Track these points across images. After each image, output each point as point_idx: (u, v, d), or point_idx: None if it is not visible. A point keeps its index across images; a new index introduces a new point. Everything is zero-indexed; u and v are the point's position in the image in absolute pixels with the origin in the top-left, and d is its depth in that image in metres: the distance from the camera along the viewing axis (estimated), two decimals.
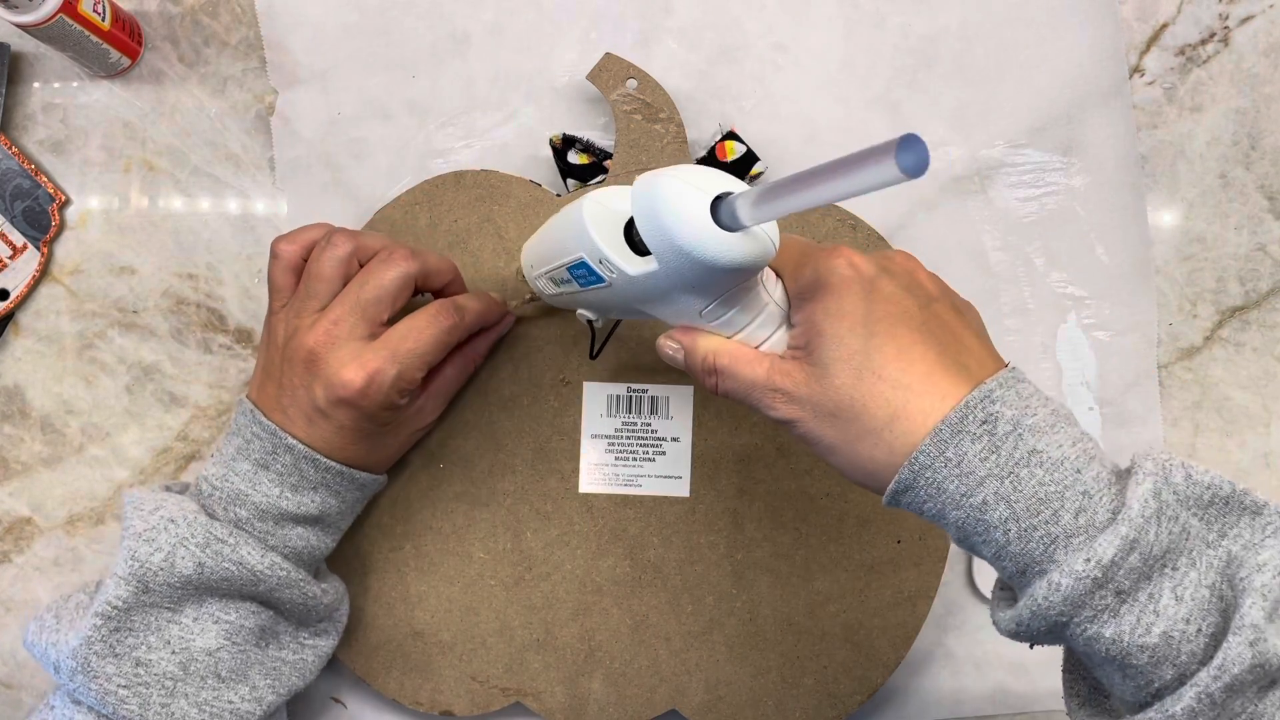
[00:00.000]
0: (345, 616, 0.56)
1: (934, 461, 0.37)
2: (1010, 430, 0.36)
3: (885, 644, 0.58)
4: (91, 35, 0.57)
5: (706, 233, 0.36)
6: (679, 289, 0.39)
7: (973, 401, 0.37)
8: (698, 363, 0.42)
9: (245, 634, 0.49)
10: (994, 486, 0.36)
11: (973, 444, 0.36)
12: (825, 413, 0.39)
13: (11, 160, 0.61)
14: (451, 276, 0.54)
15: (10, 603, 0.62)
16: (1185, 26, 0.63)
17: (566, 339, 0.58)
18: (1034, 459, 0.36)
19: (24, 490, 0.62)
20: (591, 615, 0.59)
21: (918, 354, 0.38)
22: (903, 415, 0.37)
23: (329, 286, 0.50)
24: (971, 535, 0.38)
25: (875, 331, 0.38)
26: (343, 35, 0.62)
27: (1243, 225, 0.63)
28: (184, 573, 0.47)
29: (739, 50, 0.62)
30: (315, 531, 0.52)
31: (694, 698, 0.58)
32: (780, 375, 0.40)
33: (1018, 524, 0.36)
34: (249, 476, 0.50)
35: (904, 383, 0.38)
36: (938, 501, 0.38)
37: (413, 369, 0.50)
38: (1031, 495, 0.36)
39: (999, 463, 0.36)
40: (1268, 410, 0.63)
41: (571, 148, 0.59)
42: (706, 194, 0.36)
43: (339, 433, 0.50)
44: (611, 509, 0.59)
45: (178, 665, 0.47)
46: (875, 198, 0.62)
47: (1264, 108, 0.63)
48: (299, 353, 0.49)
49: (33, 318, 0.62)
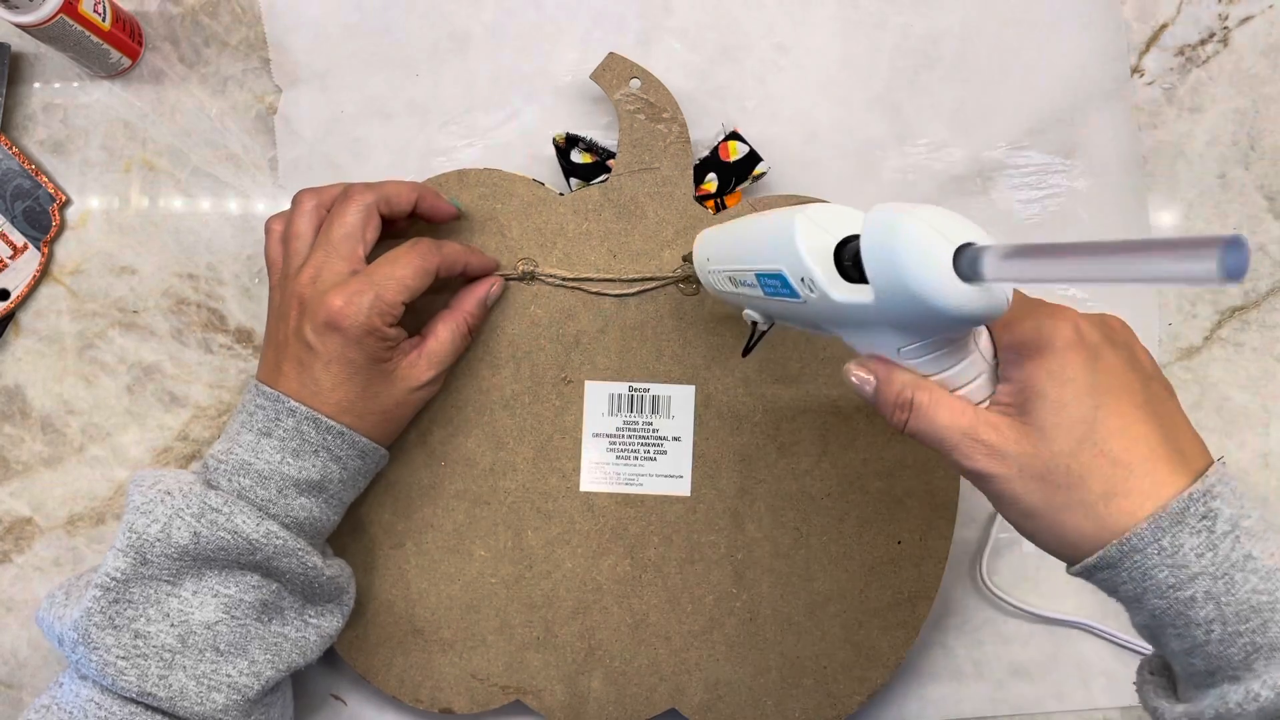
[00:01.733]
0: (351, 600, 0.56)
1: (1147, 546, 0.37)
2: (1229, 530, 0.36)
3: (885, 644, 0.58)
4: (92, 35, 0.57)
5: (945, 281, 0.34)
6: (888, 324, 0.38)
7: (1196, 494, 0.37)
8: (892, 394, 0.40)
9: (245, 608, 0.50)
10: (1205, 585, 0.36)
11: (1191, 537, 0.36)
12: (1033, 475, 0.38)
13: (12, 160, 0.61)
14: (414, 195, 0.54)
15: (10, 603, 0.62)
16: (1185, 27, 0.63)
17: (568, 338, 0.58)
18: (1249, 564, 0.36)
19: (24, 490, 0.62)
20: (592, 614, 0.59)
21: (1141, 433, 0.38)
22: (1120, 494, 0.37)
23: (304, 243, 0.53)
24: (1167, 626, 0.38)
25: (1101, 403, 0.38)
26: (344, 35, 0.62)
27: (1242, 225, 0.63)
28: (180, 543, 0.48)
29: (739, 50, 0.62)
30: (318, 502, 0.52)
31: (694, 697, 0.59)
32: (987, 427, 0.39)
33: (1224, 627, 0.36)
34: (252, 446, 0.50)
35: (1125, 461, 0.37)
36: (1139, 586, 0.37)
37: (390, 290, 0.50)
38: (1243, 601, 0.36)
39: (1215, 561, 0.36)
40: (1267, 410, 0.63)
41: (575, 147, 0.59)
42: (950, 241, 0.34)
43: (328, 370, 0.50)
44: (612, 508, 0.59)
45: (176, 638, 0.48)
46: (875, 198, 0.62)
47: (1263, 108, 0.63)
48: (290, 306, 0.51)
49: (33, 318, 0.62)
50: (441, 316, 0.55)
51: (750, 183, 0.59)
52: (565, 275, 0.58)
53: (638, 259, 0.58)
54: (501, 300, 0.58)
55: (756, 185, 0.60)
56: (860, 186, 0.62)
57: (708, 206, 0.59)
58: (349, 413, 0.52)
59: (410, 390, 0.54)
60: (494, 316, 0.58)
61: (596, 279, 0.58)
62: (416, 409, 0.56)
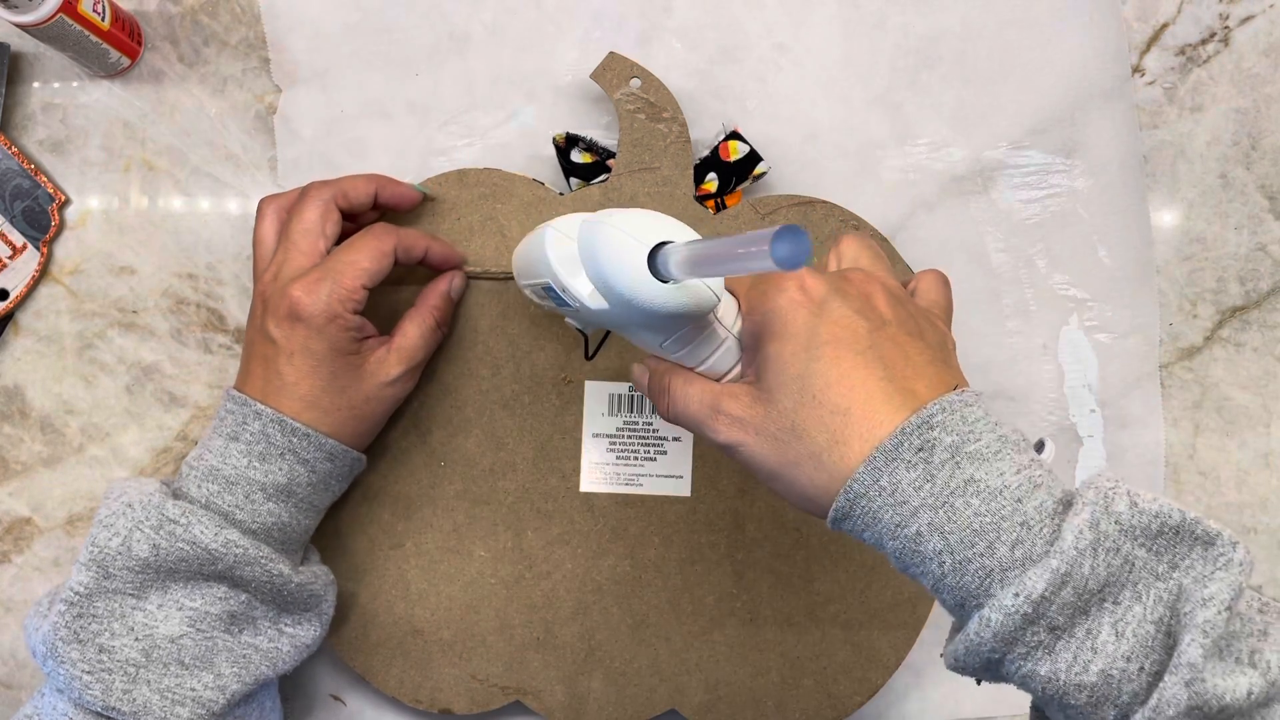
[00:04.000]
0: (331, 609, 0.55)
1: (868, 490, 0.36)
2: (948, 458, 0.35)
3: (885, 644, 0.58)
4: (91, 35, 0.57)
5: (643, 282, 0.37)
6: (632, 325, 0.41)
7: (909, 427, 0.36)
8: (654, 384, 0.44)
9: (211, 620, 0.49)
10: (928, 517, 0.35)
11: (907, 471, 0.35)
12: (768, 436, 0.39)
13: (11, 160, 0.61)
14: (372, 186, 0.55)
15: (10, 603, 0.62)
16: (1185, 26, 0.63)
17: (568, 338, 0.58)
18: (970, 488, 0.35)
19: (24, 490, 0.62)
20: (591, 614, 0.59)
21: (859, 378, 0.37)
22: (841, 440, 0.37)
23: (267, 248, 0.53)
24: (910, 567, 0.37)
25: (818, 355, 0.38)
26: (344, 35, 0.62)
27: (1243, 225, 0.63)
28: (141, 555, 0.48)
29: (740, 50, 0.62)
30: (286, 507, 0.51)
31: (694, 697, 0.59)
32: (729, 398, 0.40)
33: (952, 556, 0.35)
34: (220, 451, 0.51)
35: (843, 407, 0.37)
36: (875, 530, 0.37)
37: (347, 275, 0.50)
38: (966, 526, 0.35)
39: (933, 491, 0.35)
40: (1268, 410, 0.63)
41: (575, 147, 0.59)
42: (644, 244, 0.37)
43: (291, 363, 0.50)
44: (612, 508, 0.59)
45: (140, 652, 0.48)
46: (876, 198, 0.62)
47: (1264, 108, 0.63)
48: (255, 306, 0.52)
49: (33, 318, 0.62)
50: (408, 314, 0.55)
51: (750, 182, 0.59)
52: None
53: None
54: (501, 300, 0.58)
55: (757, 185, 0.60)
56: (860, 186, 0.62)
57: (708, 206, 0.59)
58: (315, 407, 0.51)
59: (380, 385, 0.53)
60: (494, 316, 0.58)
61: None
62: (390, 406, 0.55)
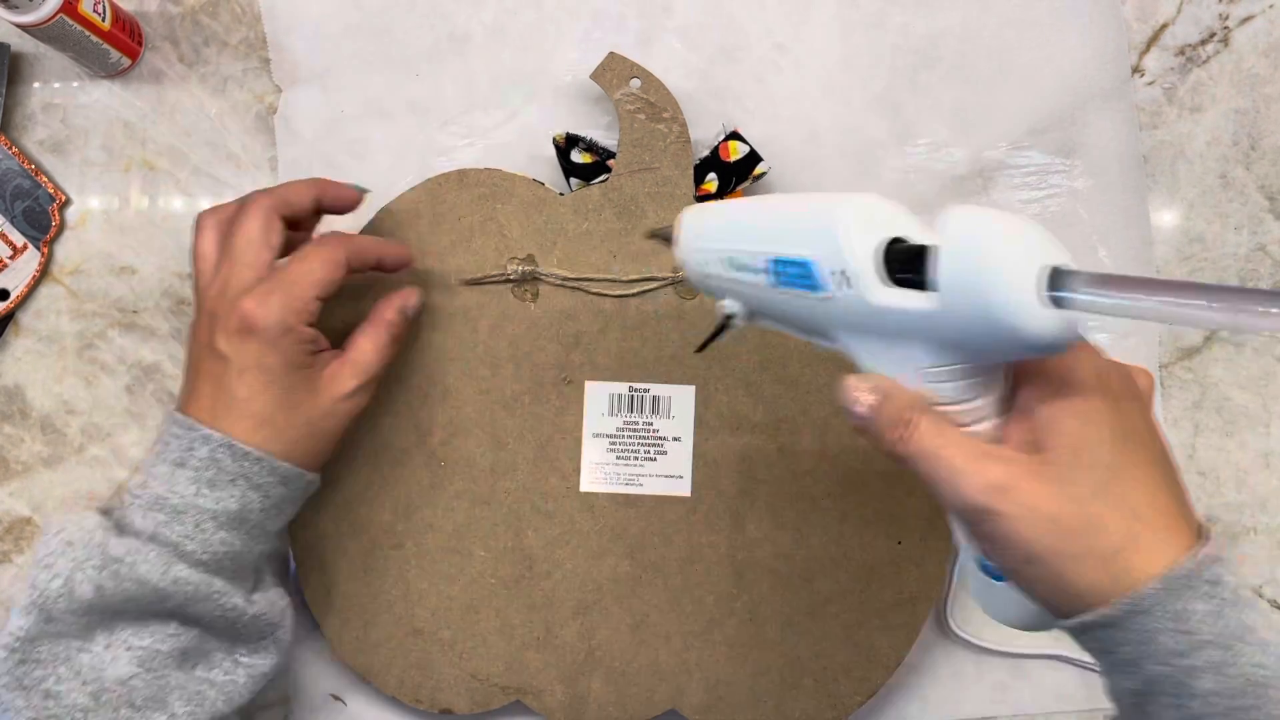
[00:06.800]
0: (288, 635, 0.53)
1: (1153, 608, 0.34)
2: (1233, 599, 0.34)
3: (885, 644, 0.58)
4: (91, 35, 0.57)
5: (1030, 304, 0.31)
6: (937, 338, 0.35)
7: (1205, 558, 0.34)
8: (894, 411, 0.37)
9: (162, 659, 0.47)
10: (1211, 655, 0.34)
11: (1201, 603, 0.34)
12: (1044, 517, 0.35)
13: (11, 160, 0.61)
14: (312, 191, 0.53)
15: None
16: (1185, 26, 0.63)
17: (568, 338, 0.58)
18: (1250, 635, 0.34)
19: (24, 490, 0.62)
20: (591, 614, 0.59)
21: (1162, 489, 0.36)
22: (1133, 549, 0.34)
23: (209, 262, 0.51)
24: (1162, 695, 0.35)
25: (1124, 451, 0.35)
26: (344, 35, 0.62)
27: (1243, 225, 0.63)
28: (84, 597, 0.45)
29: (739, 50, 0.62)
30: (239, 535, 0.49)
31: (694, 697, 0.59)
32: (996, 460, 0.36)
33: (1226, 701, 0.34)
34: (166, 478, 0.48)
35: (1144, 515, 0.35)
36: (1139, 650, 0.35)
37: (300, 286, 0.49)
38: (1244, 675, 0.34)
39: (1222, 630, 0.34)
40: (1268, 410, 0.63)
41: (575, 147, 0.59)
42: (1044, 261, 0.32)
43: (242, 379, 0.48)
44: (612, 508, 0.59)
45: (89, 696, 0.46)
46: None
47: (1264, 108, 0.63)
48: (200, 322, 0.50)
49: (33, 318, 0.62)
50: (361, 327, 0.54)
51: (750, 183, 0.59)
52: (565, 275, 0.58)
53: (638, 259, 0.58)
54: (501, 300, 0.58)
55: (757, 185, 0.60)
56: (860, 186, 0.62)
57: None
58: (268, 425, 0.49)
59: (335, 400, 0.51)
60: (494, 316, 0.58)
61: (596, 279, 0.58)
62: (344, 422, 0.53)
